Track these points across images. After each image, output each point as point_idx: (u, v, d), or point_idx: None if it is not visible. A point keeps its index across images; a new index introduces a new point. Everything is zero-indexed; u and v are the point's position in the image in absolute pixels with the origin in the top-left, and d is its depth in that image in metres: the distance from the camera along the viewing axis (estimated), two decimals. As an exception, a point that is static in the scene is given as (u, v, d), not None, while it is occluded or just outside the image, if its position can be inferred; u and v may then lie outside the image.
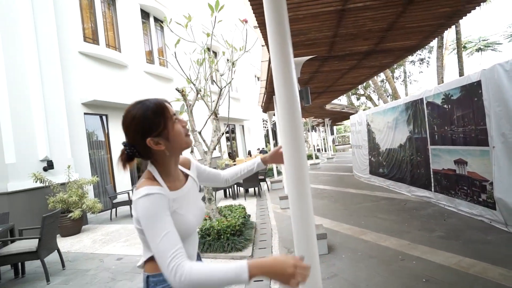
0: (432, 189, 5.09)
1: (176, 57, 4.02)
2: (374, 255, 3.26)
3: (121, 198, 6.90)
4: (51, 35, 6.41)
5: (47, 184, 5.50)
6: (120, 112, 8.50)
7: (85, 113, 7.44)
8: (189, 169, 1.23)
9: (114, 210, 6.74)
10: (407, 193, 5.96)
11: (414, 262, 2.96)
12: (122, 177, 8.40)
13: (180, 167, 1.18)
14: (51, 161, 6.02)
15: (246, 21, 4.66)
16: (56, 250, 3.87)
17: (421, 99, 5.19)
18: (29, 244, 3.55)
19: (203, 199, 4.26)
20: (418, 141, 5.47)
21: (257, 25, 2.63)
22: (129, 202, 6.60)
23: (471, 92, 3.91)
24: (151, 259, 1.02)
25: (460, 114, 4.21)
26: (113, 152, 8.22)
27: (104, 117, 8.11)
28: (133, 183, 8.63)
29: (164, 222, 0.91)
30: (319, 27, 2.82)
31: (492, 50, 28.98)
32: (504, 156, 3.37)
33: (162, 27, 11.01)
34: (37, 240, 3.49)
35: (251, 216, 5.23)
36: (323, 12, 2.48)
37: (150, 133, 0.99)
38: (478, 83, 3.74)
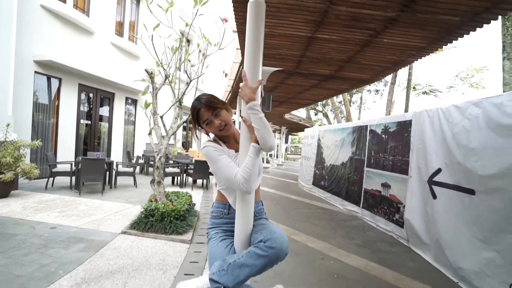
0: (361, 205, 5.81)
1: (152, 40, 4.07)
2: (300, 253, 3.71)
3: (61, 168, 6.55)
4: (13, -20, 5.90)
5: (-22, 138, 5.05)
6: (76, 79, 8.04)
7: (36, 72, 6.91)
8: None
9: (51, 179, 6.37)
10: (340, 206, 6.67)
11: (331, 262, 3.46)
12: (66, 147, 7.93)
13: None
14: (-13, 115, 5.53)
15: (226, 20, 4.86)
16: (-18, 210, 3.65)
17: (366, 126, 5.90)
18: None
19: (152, 181, 4.35)
20: (357, 162, 6.18)
21: (236, 30, 2.89)
22: (70, 173, 6.31)
23: (404, 128, 4.63)
24: (218, 192, 1.59)
25: (393, 145, 4.93)
26: (61, 119, 7.72)
27: (57, 81, 7.59)
28: (77, 155, 8.19)
29: (221, 159, 1.37)
30: (290, 46, 3.18)
31: (434, 95, 33.02)
32: (417, 185, 4.08)
33: (138, 2, 10.61)
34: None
35: (196, 205, 5.42)
36: (295, 35, 2.84)
37: (195, 125, 1.53)
38: (410, 122, 4.45)
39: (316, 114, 29.77)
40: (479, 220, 2.92)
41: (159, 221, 3.88)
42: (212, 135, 1.61)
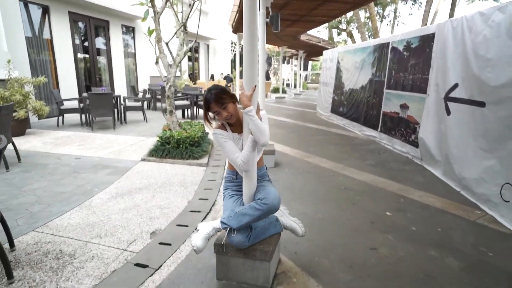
0: (379, 129, 6.30)
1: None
2: (312, 171, 4.38)
3: (69, 105, 7.23)
4: None
5: (-18, 77, 5.63)
6: (65, 6, 8.19)
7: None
8: None
9: (61, 117, 7.11)
10: (359, 132, 7.20)
11: (341, 178, 4.12)
12: (68, 84, 8.52)
13: None
14: (-16, 52, 6.03)
15: None
16: (11, 143, 4.41)
17: (388, 43, 6.03)
18: (-14, 132, 4.05)
19: (164, 111, 4.93)
20: (377, 84, 6.48)
21: None
22: (79, 110, 7.00)
23: (426, 43, 4.80)
24: (228, 162, 2.12)
25: (414, 62, 5.15)
26: (57, 53, 8.15)
27: (45, 10, 7.80)
28: (80, 92, 8.82)
29: (227, 145, 1.95)
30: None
31: (494, 0, 29.74)
32: (433, 103, 4.46)
33: None
34: (-6, 129, 4.00)
35: (209, 135, 6.08)
36: None
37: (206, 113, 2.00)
38: (433, 35, 4.61)
39: (339, 34, 28.43)
40: (486, 132, 3.36)
41: (175, 148, 4.57)
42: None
